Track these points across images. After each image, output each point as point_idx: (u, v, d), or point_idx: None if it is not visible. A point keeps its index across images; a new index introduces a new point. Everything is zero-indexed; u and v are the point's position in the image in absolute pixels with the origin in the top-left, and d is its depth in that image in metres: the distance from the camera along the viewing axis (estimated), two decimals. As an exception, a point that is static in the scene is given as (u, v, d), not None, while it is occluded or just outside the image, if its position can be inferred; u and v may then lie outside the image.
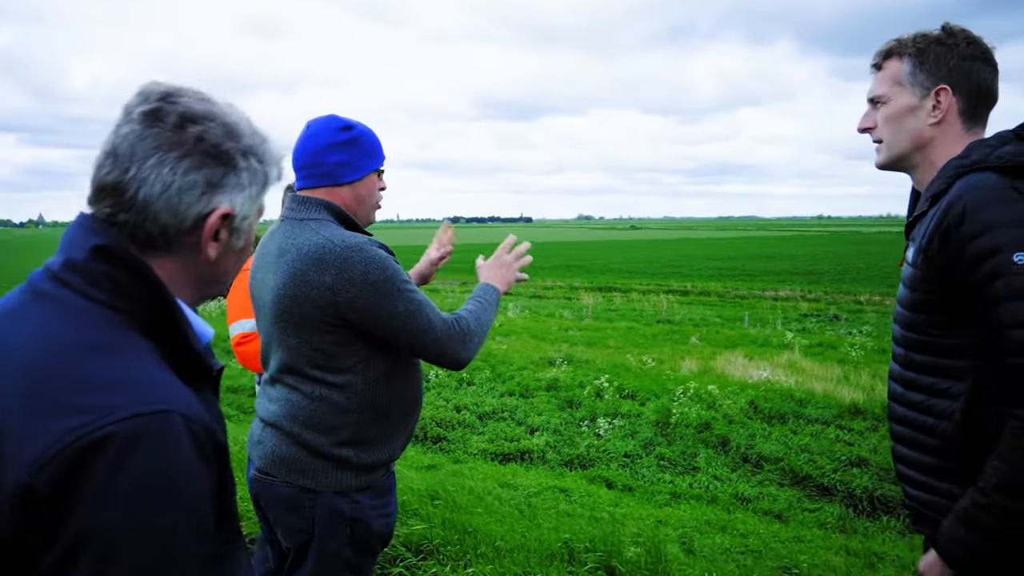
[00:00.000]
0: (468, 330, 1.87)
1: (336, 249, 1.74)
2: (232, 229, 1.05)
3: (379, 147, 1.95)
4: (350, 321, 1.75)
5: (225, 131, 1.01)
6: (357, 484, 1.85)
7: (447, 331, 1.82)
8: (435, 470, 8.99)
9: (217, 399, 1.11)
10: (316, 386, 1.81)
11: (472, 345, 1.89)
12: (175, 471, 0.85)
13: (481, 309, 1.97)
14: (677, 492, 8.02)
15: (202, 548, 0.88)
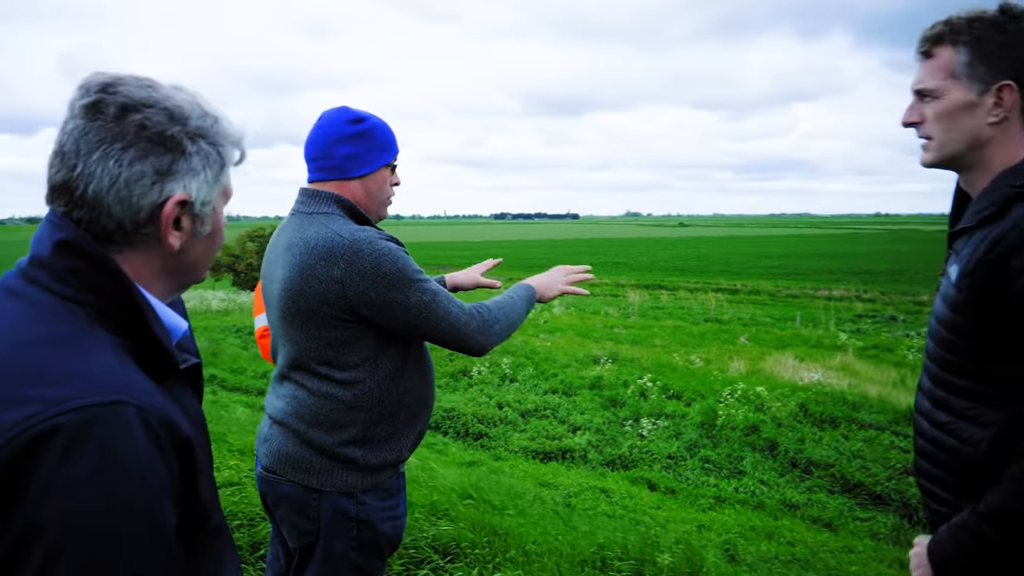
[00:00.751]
0: (488, 317, 1.83)
1: (345, 242, 1.68)
2: (194, 216, 1.02)
3: (392, 141, 1.88)
4: (361, 316, 1.70)
5: (168, 116, 0.97)
6: (363, 485, 1.78)
7: (464, 318, 1.77)
8: (475, 467, 8.93)
9: (196, 394, 1.08)
10: (323, 383, 1.76)
11: (493, 332, 1.83)
12: (126, 462, 0.82)
13: (507, 300, 1.93)
14: (722, 496, 7.80)
15: (156, 541, 0.85)
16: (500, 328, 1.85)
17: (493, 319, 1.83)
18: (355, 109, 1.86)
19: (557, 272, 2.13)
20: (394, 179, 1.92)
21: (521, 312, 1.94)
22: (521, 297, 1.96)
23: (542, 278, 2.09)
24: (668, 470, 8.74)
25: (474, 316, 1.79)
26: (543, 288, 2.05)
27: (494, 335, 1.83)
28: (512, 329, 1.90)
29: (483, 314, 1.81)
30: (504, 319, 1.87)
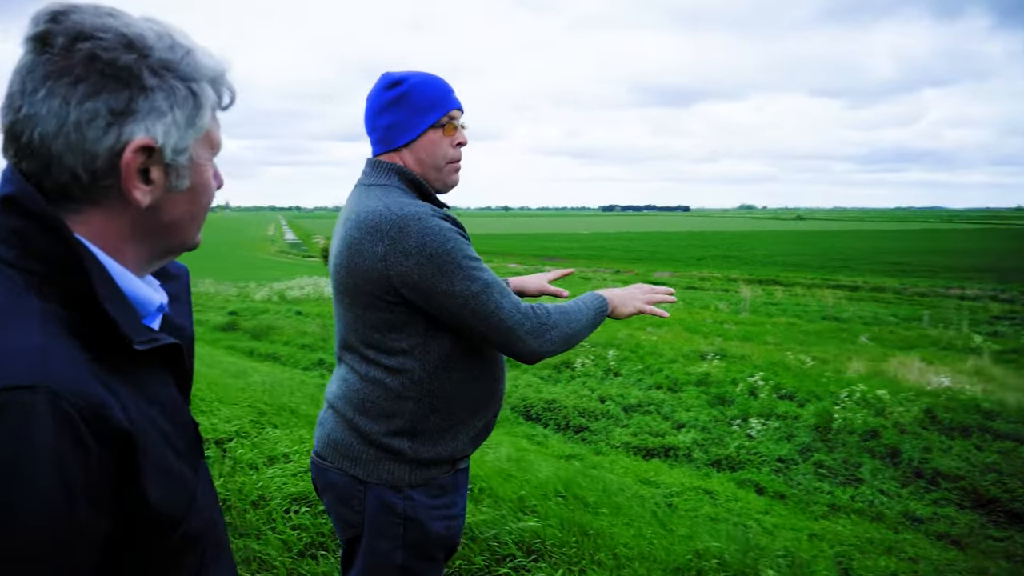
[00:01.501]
0: (547, 321, 1.64)
1: (392, 217, 1.55)
2: (167, 167, 0.87)
3: (436, 98, 1.68)
4: (405, 298, 1.58)
5: (125, 44, 0.82)
6: (412, 479, 1.67)
7: (517, 317, 1.59)
8: (574, 461, 8.80)
9: (177, 379, 0.95)
10: (370, 367, 1.66)
11: (549, 338, 1.64)
12: (26, 455, 0.69)
13: (573, 308, 1.73)
14: (836, 504, 7.33)
15: (60, 552, 0.71)
16: (557, 336, 1.66)
17: (551, 324, 1.64)
18: (396, 72, 1.70)
19: (636, 289, 1.93)
20: (454, 139, 1.72)
21: (586, 323, 1.74)
22: (590, 307, 1.76)
23: (618, 292, 1.89)
24: (778, 473, 8.31)
25: (529, 316, 1.61)
26: (617, 303, 1.85)
27: (548, 342, 1.64)
28: (572, 340, 1.70)
29: (540, 316, 1.63)
30: (564, 326, 1.67)
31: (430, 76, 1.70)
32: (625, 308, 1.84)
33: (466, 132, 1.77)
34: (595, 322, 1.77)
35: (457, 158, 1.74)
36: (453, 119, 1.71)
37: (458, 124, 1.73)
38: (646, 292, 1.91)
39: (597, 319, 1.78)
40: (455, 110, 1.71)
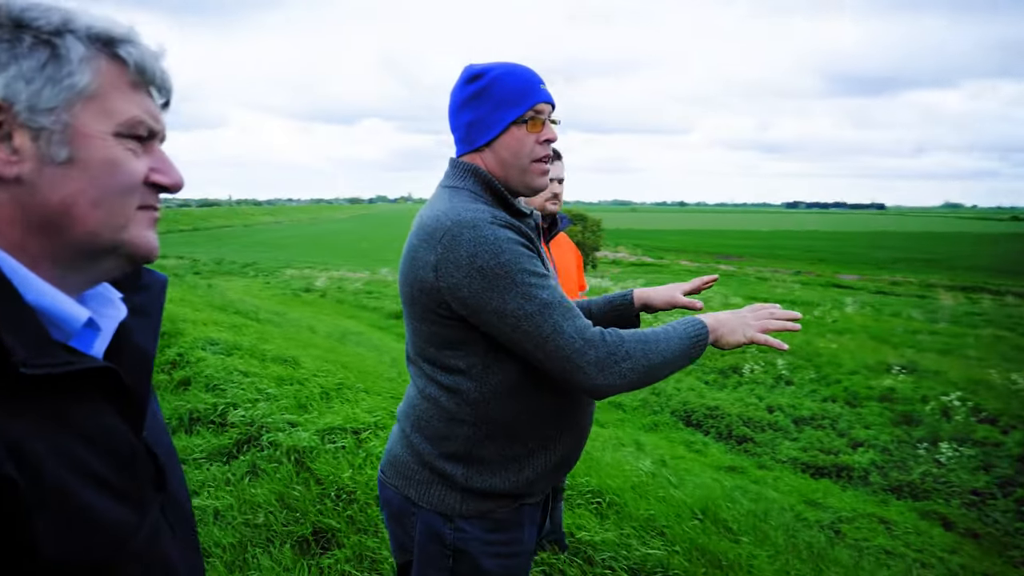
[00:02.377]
0: (617, 351, 1.40)
1: (447, 224, 1.41)
2: (33, 131, 0.74)
3: (521, 90, 1.51)
4: (458, 313, 1.43)
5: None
6: (463, 509, 1.52)
7: (579, 344, 1.38)
8: (734, 474, 8.34)
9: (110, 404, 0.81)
10: (428, 383, 1.54)
11: (619, 371, 1.40)
12: None
13: (662, 336, 1.47)
14: (1042, 550, 6.40)
15: None
16: (629, 368, 1.41)
17: (623, 355, 1.40)
18: (478, 64, 1.56)
19: (750, 312, 1.60)
20: (541, 135, 1.53)
21: (674, 355, 1.46)
22: (682, 336, 1.48)
23: (726, 317, 1.58)
24: (971, 508, 7.40)
25: (595, 344, 1.39)
26: (724, 330, 1.54)
27: (617, 375, 1.40)
28: (653, 374, 1.45)
29: (611, 345, 1.40)
30: (642, 357, 1.42)
31: (515, 67, 1.55)
32: (733, 336, 1.55)
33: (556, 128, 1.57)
34: (689, 353, 1.50)
35: (543, 156, 1.56)
36: (540, 113, 1.53)
37: (546, 119, 1.55)
38: (761, 318, 1.57)
39: (692, 350, 1.50)
40: (542, 103, 1.53)
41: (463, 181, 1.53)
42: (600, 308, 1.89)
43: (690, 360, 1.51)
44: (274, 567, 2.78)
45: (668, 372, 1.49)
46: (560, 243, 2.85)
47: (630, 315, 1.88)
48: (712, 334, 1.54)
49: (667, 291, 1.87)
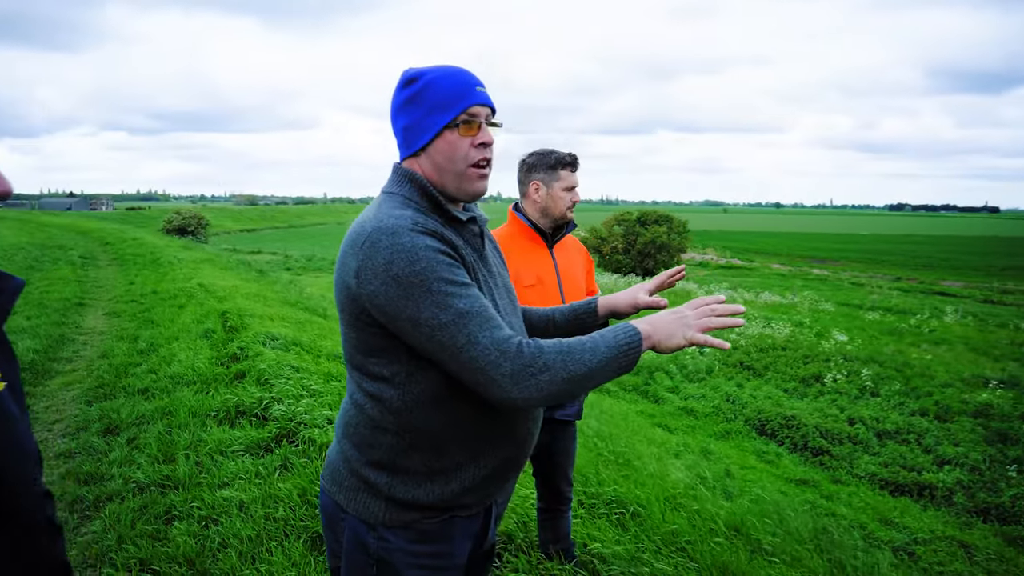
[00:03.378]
0: (535, 363, 1.32)
1: (367, 231, 1.37)
2: None
3: (455, 93, 1.45)
4: (379, 320, 1.39)
5: None
6: (386, 519, 1.47)
7: (494, 356, 1.31)
8: (805, 488, 7.97)
9: None
10: (356, 390, 1.50)
11: (535, 384, 1.32)
12: None
13: (587, 346, 1.37)
14: None
15: None
16: (548, 380, 1.32)
17: (540, 366, 1.32)
18: (415, 68, 1.51)
19: (690, 311, 1.46)
20: (476, 138, 1.47)
21: (601, 365, 1.36)
22: (610, 345, 1.37)
23: (664, 320, 1.44)
24: (1066, 536, 6.82)
25: (510, 356, 1.31)
26: (660, 335, 1.42)
27: (534, 387, 1.32)
28: (576, 386, 1.35)
29: (527, 356, 1.32)
30: (561, 369, 1.33)
31: (451, 69, 1.49)
32: (671, 341, 1.42)
33: (495, 130, 1.51)
34: (619, 363, 1.38)
35: (480, 160, 1.48)
36: (474, 117, 1.47)
37: (481, 122, 1.48)
38: (702, 315, 1.44)
39: (622, 359, 1.38)
40: (477, 106, 1.47)
41: (399, 187, 1.49)
42: (565, 317, 1.82)
43: (621, 370, 1.40)
44: (283, 561, 2.80)
45: (594, 384, 1.39)
46: (567, 247, 2.76)
47: (595, 323, 1.79)
48: (647, 341, 1.42)
49: (630, 293, 1.78)
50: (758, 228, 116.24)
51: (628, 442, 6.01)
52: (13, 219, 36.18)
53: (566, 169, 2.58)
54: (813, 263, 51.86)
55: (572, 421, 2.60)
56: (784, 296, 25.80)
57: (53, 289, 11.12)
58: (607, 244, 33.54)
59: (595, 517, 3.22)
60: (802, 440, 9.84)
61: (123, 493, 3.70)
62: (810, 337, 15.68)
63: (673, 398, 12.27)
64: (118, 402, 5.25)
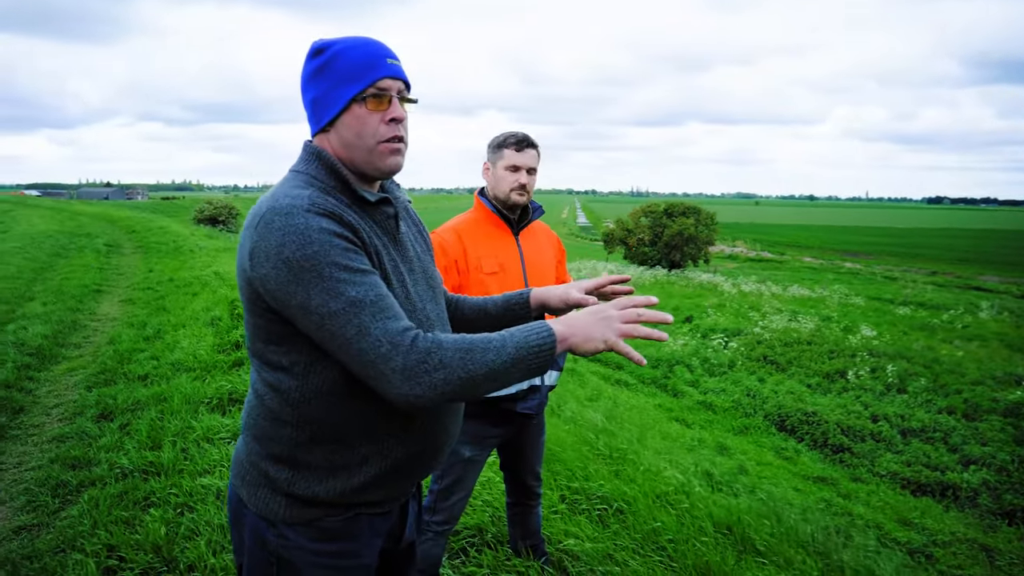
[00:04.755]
0: (431, 359, 1.22)
1: (262, 211, 1.28)
2: None
3: (364, 63, 1.35)
4: (273, 306, 1.29)
5: None
6: (286, 515, 1.37)
7: (385, 348, 1.21)
8: (823, 486, 7.76)
9: None
10: (257, 379, 1.40)
11: (429, 382, 1.22)
12: None
13: (493, 344, 1.26)
14: None
15: None
16: (443, 378, 1.22)
17: (436, 363, 1.22)
18: (324, 39, 1.40)
19: (613, 310, 1.32)
20: (387, 113, 1.36)
21: (505, 365, 1.25)
22: (519, 344, 1.26)
23: (583, 321, 1.32)
24: (1096, 541, 6.54)
25: (402, 350, 1.21)
26: (577, 337, 1.30)
27: (427, 385, 1.21)
28: (475, 386, 1.24)
29: (422, 351, 1.22)
30: (459, 367, 1.22)
31: (360, 40, 1.38)
32: (589, 344, 1.29)
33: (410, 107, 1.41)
34: (527, 364, 1.26)
35: (391, 136, 1.37)
36: (385, 91, 1.36)
37: (392, 96, 1.37)
38: (627, 318, 1.30)
39: (530, 361, 1.26)
40: (387, 78, 1.36)
41: (306, 165, 1.39)
42: (497, 308, 1.69)
43: (530, 373, 1.28)
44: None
45: (497, 385, 1.27)
46: (535, 233, 2.62)
47: (527, 317, 1.67)
48: (562, 343, 1.29)
49: (564, 288, 1.64)
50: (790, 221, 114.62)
51: (633, 437, 5.87)
52: (48, 208, 36.91)
53: (510, 148, 2.44)
54: (846, 257, 50.95)
55: (536, 414, 2.47)
56: (813, 290, 25.33)
57: (74, 276, 11.24)
58: (633, 236, 33.23)
59: (576, 513, 3.10)
60: (822, 437, 9.61)
61: (106, 479, 3.66)
62: (837, 332, 15.34)
63: (692, 392, 12.07)
64: (116, 388, 5.24)
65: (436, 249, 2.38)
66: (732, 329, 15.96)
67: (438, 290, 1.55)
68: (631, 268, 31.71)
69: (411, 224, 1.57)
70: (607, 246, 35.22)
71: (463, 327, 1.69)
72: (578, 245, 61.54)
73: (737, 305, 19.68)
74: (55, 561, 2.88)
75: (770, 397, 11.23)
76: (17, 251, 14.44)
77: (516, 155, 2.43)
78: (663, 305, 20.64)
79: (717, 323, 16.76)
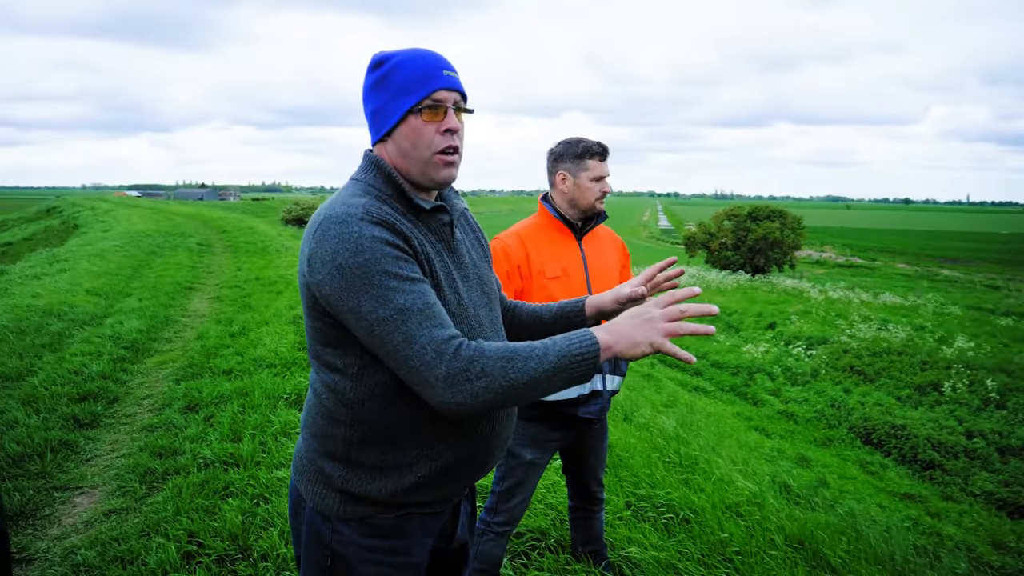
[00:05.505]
0: (473, 368, 1.23)
1: (319, 218, 1.33)
2: None
3: (421, 76, 1.38)
4: (328, 311, 1.33)
5: None
6: (340, 511, 1.41)
7: (429, 356, 1.24)
8: (910, 503, 7.42)
9: None
10: (316, 379, 1.46)
11: (470, 390, 1.23)
12: None
13: (536, 352, 1.26)
14: None
15: None
16: (485, 386, 1.23)
17: (478, 372, 1.23)
18: (385, 51, 1.43)
19: (656, 309, 1.29)
20: (442, 124, 1.39)
21: (547, 374, 1.24)
22: (561, 352, 1.25)
23: (626, 326, 1.28)
24: None
25: (446, 358, 1.23)
26: (622, 345, 1.27)
27: (469, 393, 1.22)
28: (517, 395, 1.24)
29: (465, 359, 1.23)
30: (500, 376, 1.23)
31: (420, 52, 1.41)
32: (635, 350, 1.26)
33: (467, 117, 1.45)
34: (569, 373, 1.25)
35: (445, 147, 1.40)
36: (440, 102, 1.39)
37: (448, 107, 1.40)
38: (670, 316, 1.26)
39: (573, 370, 1.25)
40: (443, 90, 1.39)
41: (365, 173, 1.44)
42: (552, 315, 1.69)
43: (572, 382, 1.27)
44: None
45: (539, 393, 1.27)
46: (599, 238, 2.60)
47: (582, 323, 1.66)
48: (606, 351, 1.27)
49: (614, 290, 1.63)
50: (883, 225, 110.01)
51: (707, 445, 5.74)
52: (147, 208, 38.92)
53: (594, 158, 2.44)
54: (943, 264, 48.47)
55: (597, 419, 2.45)
56: (906, 298, 24.22)
57: (167, 274, 11.82)
58: (716, 239, 32.51)
59: (641, 520, 3.05)
60: (911, 452, 9.17)
61: (190, 468, 3.84)
62: (930, 342, 14.62)
63: (773, 401, 11.73)
64: (203, 381, 5.48)
65: (499, 254, 2.41)
66: (817, 337, 15.44)
67: (493, 296, 1.57)
68: (713, 272, 31.03)
69: (468, 231, 1.60)
70: (688, 249, 34.58)
71: (520, 333, 1.71)
72: (657, 248, 60.73)
73: (823, 312, 19.03)
74: (140, 544, 3.04)
75: (856, 409, 10.80)
76: (118, 249, 15.28)
77: (600, 165, 2.45)
78: (745, 311, 20.11)
79: (801, 330, 16.24)
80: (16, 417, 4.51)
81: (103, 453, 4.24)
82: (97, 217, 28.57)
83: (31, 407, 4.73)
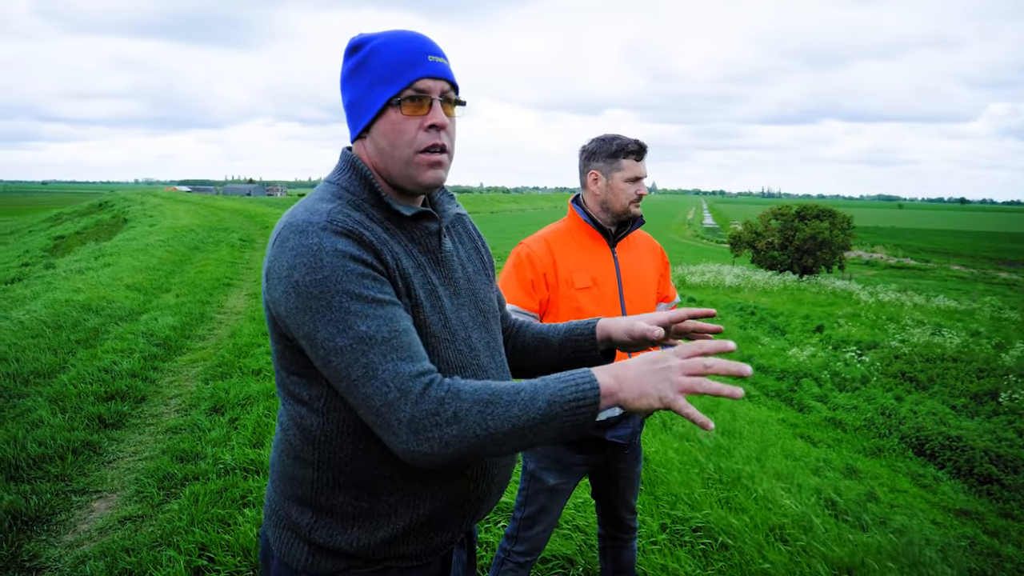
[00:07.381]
0: (443, 411, 1.02)
1: (280, 226, 1.14)
2: None
3: (402, 62, 1.16)
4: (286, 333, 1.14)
5: None
6: (307, 565, 1.20)
7: (396, 396, 1.02)
8: (966, 520, 7.03)
9: None
10: (282, 412, 1.25)
11: (439, 436, 1.01)
12: None
13: (523, 395, 1.04)
14: None
15: None
16: (457, 434, 1.01)
17: (449, 416, 1.01)
18: (364, 33, 1.22)
19: (671, 359, 1.06)
20: (427, 119, 1.17)
21: (533, 422, 1.03)
22: (552, 397, 1.03)
23: (634, 370, 1.06)
24: None
25: (412, 398, 1.02)
26: (627, 392, 1.05)
27: (437, 442, 1.01)
28: (496, 446, 1.03)
29: (435, 401, 1.02)
30: (476, 422, 1.02)
31: (402, 34, 1.20)
32: (641, 401, 1.04)
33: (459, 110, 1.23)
34: (560, 423, 1.04)
35: (429, 145, 1.18)
36: (424, 93, 1.17)
37: (434, 99, 1.18)
38: (691, 370, 1.04)
39: (565, 419, 1.04)
40: (427, 79, 1.17)
41: (339, 175, 1.24)
42: (559, 338, 1.46)
43: (564, 431, 1.05)
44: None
45: (523, 445, 1.06)
46: (636, 245, 2.35)
47: (591, 348, 1.42)
48: (607, 398, 1.06)
49: (629, 320, 1.37)
50: (937, 226, 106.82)
51: (751, 455, 5.47)
52: (194, 203, 39.62)
53: (629, 158, 2.19)
54: (1001, 266, 46.76)
55: (629, 443, 2.24)
56: (960, 301, 23.36)
57: (207, 269, 11.88)
58: (762, 239, 31.81)
59: (677, 546, 2.83)
60: (967, 465, 8.74)
61: (209, 474, 3.73)
62: (988, 348, 14.02)
63: (820, 407, 11.33)
64: (231, 381, 5.40)
65: (523, 261, 2.19)
66: (867, 341, 14.92)
67: (491, 316, 1.35)
68: (759, 273, 30.37)
69: (463, 240, 1.39)
70: (734, 249, 33.91)
71: (524, 358, 1.48)
72: (701, 247, 59.82)
73: (873, 315, 18.43)
74: (150, 556, 2.92)
75: (908, 417, 10.36)
76: (161, 244, 15.46)
77: (636, 165, 2.20)
78: (791, 313, 19.57)
79: (850, 334, 15.72)
80: (41, 416, 4.47)
81: (125, 455, 4.16)
82: (146, 212, 29.14)
83: (57, 406, 4.69)
